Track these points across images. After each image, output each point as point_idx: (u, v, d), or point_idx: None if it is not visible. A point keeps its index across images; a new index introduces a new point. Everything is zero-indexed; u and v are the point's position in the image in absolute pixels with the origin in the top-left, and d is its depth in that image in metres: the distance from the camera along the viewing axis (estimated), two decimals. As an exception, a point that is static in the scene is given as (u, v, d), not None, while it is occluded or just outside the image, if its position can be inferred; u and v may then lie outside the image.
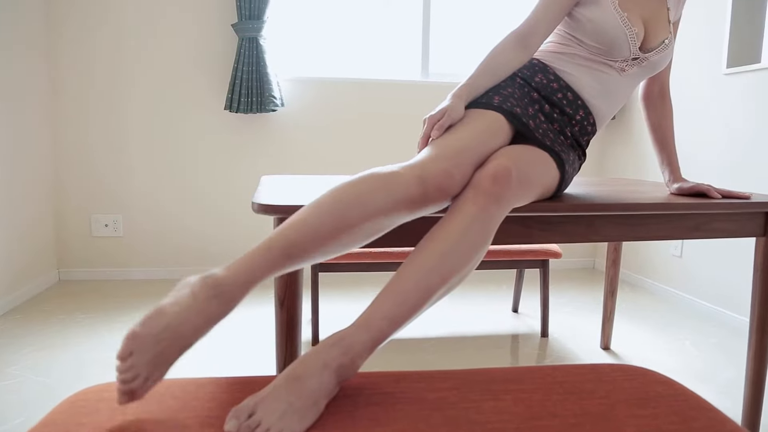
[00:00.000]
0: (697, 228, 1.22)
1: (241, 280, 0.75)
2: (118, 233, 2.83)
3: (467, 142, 0.98)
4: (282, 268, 0.80)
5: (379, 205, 0.85)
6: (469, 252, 0.86)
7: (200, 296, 0.72)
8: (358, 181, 0.86)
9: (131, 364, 0.66)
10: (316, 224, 0.81)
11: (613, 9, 1.19)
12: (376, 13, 3.09)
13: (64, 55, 2.71)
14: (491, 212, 0.89)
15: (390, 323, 0.78)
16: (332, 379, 0.71)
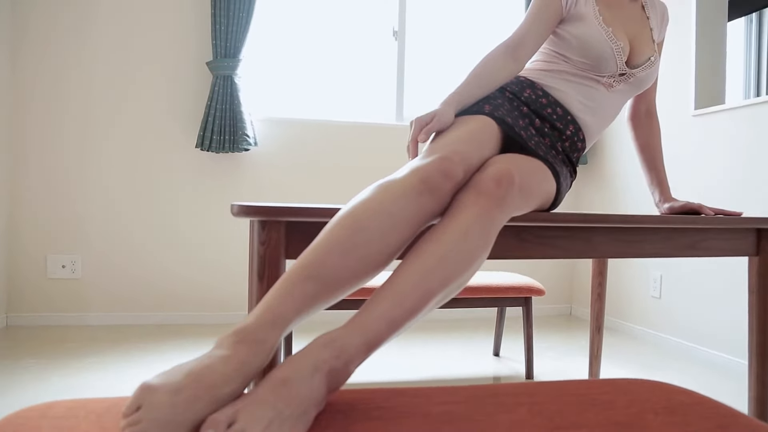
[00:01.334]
0: (693, 246, 1.19)
1: (265, 320, 0.66)
2: (76, 275, 2.65)
3: (461, 138, 0.94)
4: (307, 296, 0.70)
5: (387, 206, 0.79)
6: (469, 256, 0.79)
7: (225, 344, 0.63)
8: (362, 194, 0.82)
9: (138, 419, 0.52)
10: (331, 238, 0.75)
11: (597, 24, 1.20)
12: (352, 55, 3.13)
13: (30, 84, 2.61)
14: (493, 215, 0.83)
15: (387, 325, 0.70)
16: (323, 386, 0.62)
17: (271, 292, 0.70)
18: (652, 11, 1.33)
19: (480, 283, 2.04)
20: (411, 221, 0.81)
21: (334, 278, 0.73)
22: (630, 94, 1.29)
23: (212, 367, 0.58)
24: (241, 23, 2.71)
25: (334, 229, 0.76)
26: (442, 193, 0.84)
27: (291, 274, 0.71)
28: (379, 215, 0.78)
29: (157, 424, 0.52)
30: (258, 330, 0.64)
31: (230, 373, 0.59)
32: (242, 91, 2.73)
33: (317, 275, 0.71)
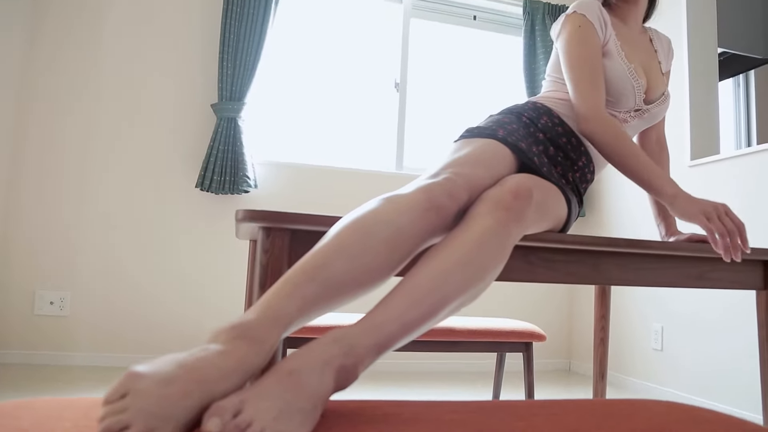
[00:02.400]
0: (701, 277, 1.17)
1: (266, 317, 0.62)
2: (64, 312, 2.58)
3: (468, 161, 0.94)
4: (308, 298, 0.67)
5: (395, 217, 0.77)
6: (486, 266, 0.77)
7: (222, 338, 0.58)
8: (368, 205, 0.81)
9: (122, 407, 0.46)
10: (338, 242, 0.73)
11: (621, 60, 1.22)
12: (355, 104, 3.19)
13: (32, 115, 2.63)
14: (510, 229, 0.81)
15: (401, 328, 0.66)
16: (331, 382, 0.58)
17: (271, 290, 0.66)
18: (658, 44, 1.37)
19: (479, 327, 1.99)
20: (416, 236, 0.79)
21: (337, 283, 0.70)
22: (642, 127, 1.31)
23: (208, 360, 0.54)
24: (247, 68, 2.79)
25: (341, 233, 0.74)
26: (447, 212, 0.83)
27: (293, 274, 0.68)
28: (388, 225, 0.76)
29: (144, 415, 0.46)
30: (258, 327, 0.60)
31: (227, 368, 0.54)
32: (245, 134, 2.76)
33: (320, 278, 0.68)
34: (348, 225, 0.75)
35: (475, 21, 3.48)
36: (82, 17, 2.73)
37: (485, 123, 1.18)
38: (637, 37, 1.33)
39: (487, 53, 3.50)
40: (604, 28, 1.24)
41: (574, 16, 1.24)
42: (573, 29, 1.22)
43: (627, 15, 1.32)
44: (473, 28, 3.47)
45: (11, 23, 2.50)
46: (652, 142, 1.46)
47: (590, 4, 1.24)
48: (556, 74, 1.30)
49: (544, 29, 3.30)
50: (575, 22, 1.23)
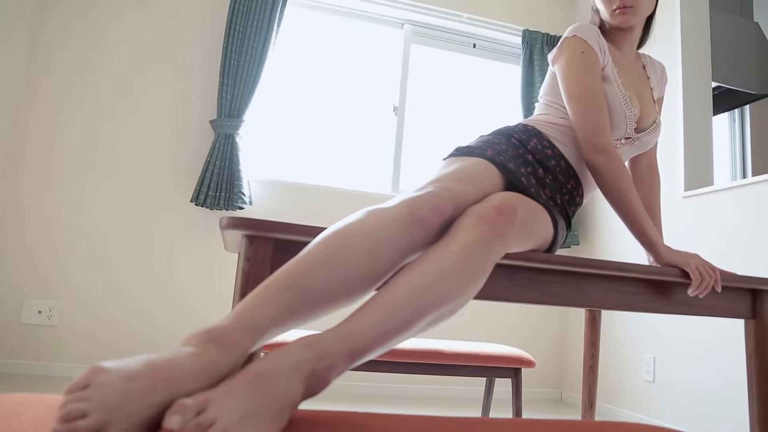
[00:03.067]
0: (688, 303, 1.17)
1: (241, 323, 0.62)
2: (52, 322, 2.56)
3: (455, 177, 0.94)
4: (286, 306, 0.66)
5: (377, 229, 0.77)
6: (467, 279, 0.76)
7: (194, 341, 0.58)
8: (350, 217, 0.81)
9: (83, 397, 0.46)
10: (317, 251, 0.73)
11: (617, 87, 1.22)
12: (353, 126, 3.22)
13: (30, 125, 2.65)
14: (492, 244, 0.81)
15: (375, 337, 0.66)
16: (301, 386, 0.58)
17: (249, 297, 0.66)
18: (652, 71, 1.38)
19: (467, 351, 1.98)
20: (398, 249, 0.79)
21: (316, 292, 0.69)
22: (632, 154, 1.32)
23: (176, 360, 0.53)
24: (247, 85, 2.82)
25: (320, 243, 0.74)
26: (430, 226, 0.83)
27: (272, 281, 0.68)
28: (367, 237, 0.76)
29: (105, 408, 0.46)
30: (232, 332, 0.60)
31: (194, 369, 0.54)
32: (242, 151, 2.78)
33: (298, 286, 0.68)
34: (329, 235, 0.75)
35: (474, 49, 3.54)
36: (85, 27, 2.77)
37: (475, 142, 1.19)
38: (631, 64, 1.34)
39: (486, 80, 3.55)
40: (603, 53, 1.25)
41: (574, 41, 1.24)
42: (575, 54, 1.22)
43: (621, 42, 1.33)
44: (473, 56, 3.53)
45: (13, 30, 2.54)
46: (643, 167, 1.46)
47: (590, 29, 1.25)
48: (549, 97, 1.31)
49: (542, 59, 3.35)
50: (577, 48, 1.23)
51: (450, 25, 3.45)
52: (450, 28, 3.47)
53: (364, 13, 3.33)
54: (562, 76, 1.24)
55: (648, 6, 1.29)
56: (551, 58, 1.30)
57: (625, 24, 1.28)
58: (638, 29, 1.35)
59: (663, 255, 1.13)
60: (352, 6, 3.27)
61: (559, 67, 1.27)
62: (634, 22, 1.29)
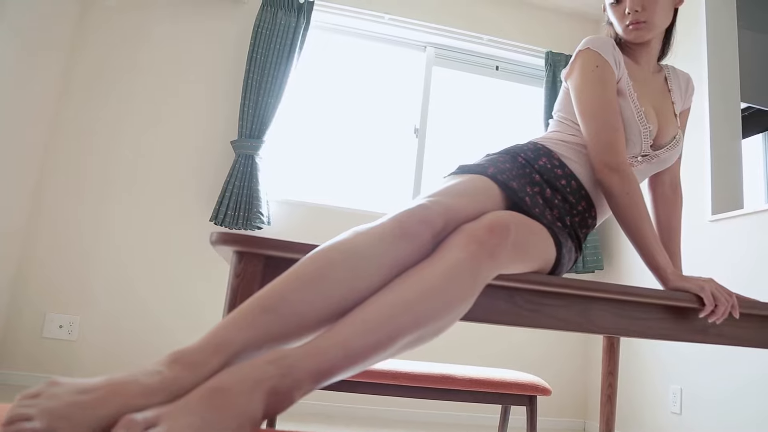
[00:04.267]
0: (704, 331, 1.10)
1: (208, 343, 0.61)
2: (72, 336, 2.60)
3: (449, 191, 0.92)
4: (260, 328, 0.65)
5: (361, 247, 0.76)
6: (451, 300, 0.73)
7: (160, 361, 0.59)
8: (337, 237, 0.79)
9: (30, 403, 0.48)
10: (296, 271, 0.72)
11: (631, 102, 1.17)
12: (373, 147, 3.23)
13: (62, 142, 2.74)
14: (481, 265, 0.78)
15: (345, 355, 0.63)
16: (261, 404, 0.56)
17: (224, 319, 0.65)
18: (674, 83, 1.32)
19: (478, 376, 1.92)
20: (385, 266, 0.76)
21: (294, 313, 0.67)
22: (650, 172, 1.26)
23: (133, 377, 0.53)
24: (268, 107, 2.86)
25: (302, 264, 0.73)
26: (420, 240, 0.80)
27: (247, 303, 0.67)
28: (351, 255, 0.74)
29: (51, 415, 0.46)
30: (197, 353, 0.59)
31: (151, 386, 0.53)
32: (261, 171, 2.81)
33: (275, 307, 0.66)
34: (312, 255, 0.73)
35: (497, 71, 3.53)
36: (116, 52, 2.86)
37: (478, 161, 1.16)
38: (649, 78, 1.28)
39: (508, 103, 3.52)
40: (618, 66, 1.20)
41: (588, 54, 1.19)
42: (588, 68, 1.18)
43: (638, 56, 1.28)
44: (495, 78, 3.51)
45: (50, 53, 2.64)
46: (665, 185, 1.37)
47: (605, 42, 1.20)
48: (562, 113, 1.27)
49: (565, 80, 3.31)
50: (591, 61, 1.18)
51: (472, 48, 3.45)
52: (472, 50, 3.47)
53: (387, 37, 3.36)
54: (575, 91, 1.20)
55: (663, 19, 1.23)
56: (564, 73, 1.27)
57: (639, 39, 1.24)
58: (656, 42, 1.29)
59: (671, 280, 1.07)
60: (374, 30, 3.31)
61: (572, 81, 1.22)
62: (650, 37, 1.24)
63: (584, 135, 1.16)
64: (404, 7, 3.26)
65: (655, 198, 1.38)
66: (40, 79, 2.58)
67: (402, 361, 1.86)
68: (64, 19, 2.71)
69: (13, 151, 2.44)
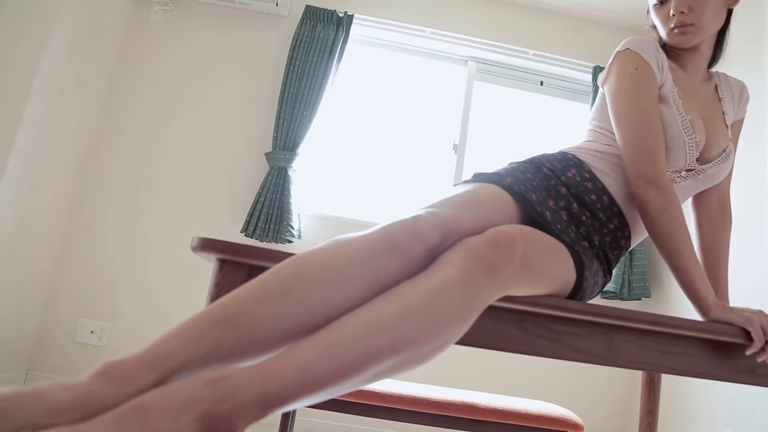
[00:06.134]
0: (752, 371, 0.96)
1: (144, 357, 0.56)
2: (102, 342, 2.63)
3: (453, 201, 0.83)
4: (210, 342, 0.57)
5: (338, 258, 0.67)
6: (439, 321, 0.63)
7: (90, 373, 0.54)
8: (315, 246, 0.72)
9: None
10: (260, 281, 0.64)
11: (676, 110, 1.05)
12: (409, 163, 3.16)
13: (103, 148, 2.80)
14: (478, 284, 0.68)
15: (301, 380, 0.54)
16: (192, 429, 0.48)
17: (169, 331, 0.58)
18: (726, 91, 1.19)
19: (504, 406, 1.79)
20: (365, 281, 0.67)
21: (252, 327, 0.59)
22: (695, 190, 1.13)
23: (45, 390, 0.49)
24: (303, 119, 2.84)
25: (270, 273, 0.65)
26: (409, 254, 0.71)
27: (199, 314, 0.60)
28: (327, 267, 0.66)
29: None
30: (129, 366, 0.54)
31: (64, 402, 0.49)
32: (294, 184, 2.79)
33: (230, 320, 0.59)
34: (283, 265, 0.66)
35: (541, 86, 3.41)
36: (156, 63, 2.93)
37: (498, 168, 1.07)
38: (698, 86, 1.16)
39: (553, 118, 3.39)
40: (662, 70, 1.08)
41: (627, 55, 1.08)
42: (627, 71, 1.06)
43: (686, 62, 1.16)
44: (539, 93, 3.39)
45: (97, 63, 2.72)
46: (712, 204, 1.22)
47: (647, 42, 1.09)
48: (597, 122, 1.16)
49: (613, 96, 3.15)
50: (630, 63, 1.06)
51: (516, 62, 3.35)
52: (515, 65, 3.36)
53: (427, 50, 3.30)
54: (611, 96, 1.09)
55: (714, 22, 1.10)
56: (601, 78, 1.16)
57: (686, 44, 1.12)
58: (707, 47, 1.16)
59: (712, 310, 0.93)
60: (414, 43, 3.26)
61: (608, 85, 1.11)
62: (698, 41, 1.11)
63: (619, 143, 1.05)
64: (446, 20, 3.20)
65: (700, 218, 1.23)
66: (85, 89, 2.66)
67: (419, 385, 1.76)
68: (112, 31, 2.79)
69: (55, 160, 2.51)
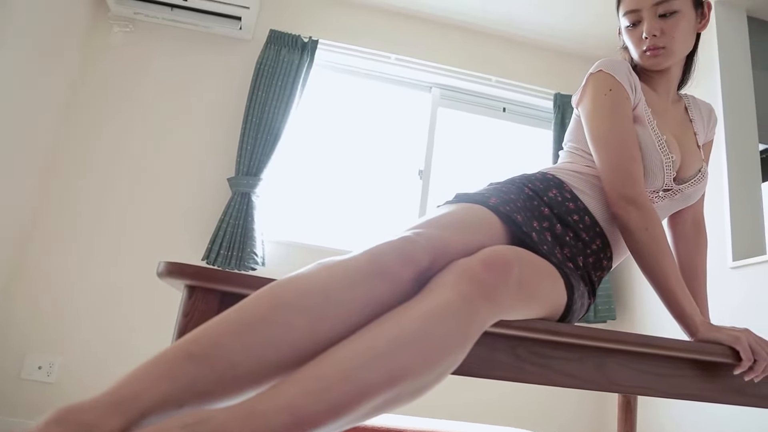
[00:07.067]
0: (741, 391, 0.95)
1: (107, 399, 0.49)
2: (50, 379, 2.44)
3: (441, 222, 0.79)
4: (182, 379, 0.51)
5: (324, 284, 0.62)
6: (436, 351, 0.58)
7: (39, 421, 0.47)
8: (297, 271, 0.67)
9: None
10: (236, 310, 0.58)
11: (651, 130, 1.05)
12: (375, 189, 3.13)
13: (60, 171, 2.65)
14: (475, 308, 0.64)
15: (289, 420, 0.48)
16: None
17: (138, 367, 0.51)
18: (696, 113, 1.21)
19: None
20: (353, 309, 0.62)
21: (230, 363, 0.53)
22: (671, 210, 1.13)
23: None
24: (267, 144, 2.78)
25: (249, 301, 0.59)
26: (399, 279, 0.67)
27: (170, 348, 0.53)
28: (310, 294, 0.60)
29: None
30: (90, 410, 0.47)
31: None
32: (258, 210, 2.70)
33: (203, 354, 0.53)
34: (262, 291, 0.59)
35: (504, 113, 3.46)
36: (121, 80, 2.82)
37: (480, 189, 1.04)
38: (669, 107, 1.17)
39: (516, 144, 3.44)
40: (635, 91, 1.09)
41: (601, 76, 1.08)
42: (602, 93, 1.06)
43: (656, 83, 1.17)
44: (502, 120, 3.44)
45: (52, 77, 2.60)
46: (687, 224, 1.23)
47: (619, 64, 1.09)
48: (574, 143, 1.15)
49: (574, 122, 3.23)
50: (604, 84, 1.07)
51: (479, 89, 3.39)
52: (479, 91, 3.41)
53: (392, 77, 3.31)
54: (586, 117, 1.09)
55: (685, 45, 1.12)
56: (575, 100, 1.16)
57: (657, 67, 1.13)
58: (677, 69, 1.18)
59: (700, 331, 0.92)
60: (379, 69, 3.27)
61: (583, 107, 1.11)
62: (669, 64, 1.13)
63: (597, 165, 1.04)
64: (410, 47, 3.23)
65: (676, 238, 1.24)
66: (41, 114, 2.53)
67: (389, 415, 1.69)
68: (67, 53, 2.68)
69: (6, 185, 2.35)
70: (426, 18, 3.28)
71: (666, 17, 1.08)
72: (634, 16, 1.11)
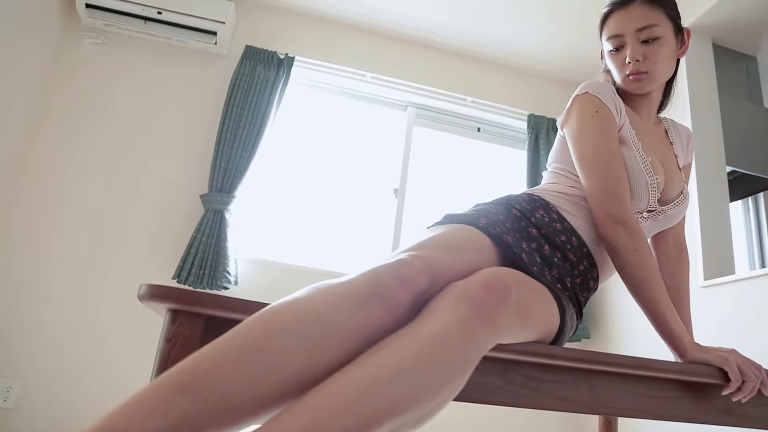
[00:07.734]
0: (728, 411, 0.94)
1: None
2: (8, 404, 2.30)
3: (434, 244, 0.77)
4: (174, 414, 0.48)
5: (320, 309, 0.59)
6: (439, 377, 0.57)
7: None
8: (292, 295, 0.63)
9: None
10: (230, 338, 0.55)
11: (636, 152, 1.06)
12: (350, 208, 3.10)
13: (27, 185, 2.54)
14: (476, 330, 0.62)
15: None
16: None
17: (128, 400, 0.48)
18: (675, 136, 1.23)
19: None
20: (351, 334, 0.60)
21: (224, 395, 0.50)
22: (654, 230, 1.14)
23: None
24: (242, 161, 2.74)
25: (239, 328, 0.56)
26: (397, 303, 0.65)
27: (160, 380, 0.50)
28: (306, 319, 0.58)
29: None
30: None
31: None
32: (231, 228, 2.64)
33: (195, 387, 0.50)
34: (256, 318, 0.56)
35: (479, 133, 3.49)
36: (92, 93, 2.74)
37: (468, 210, 1.03)
38: (651, 129, 1.19)
39: (490, 164, 3.47)
40: (620, 113, 1.10)
41: (587, 98, 1.09)
42: (588, 114, 1.07)
43: (639, 107, 1.19)
44: (477, 140, 3.47)
45: (17, 101, 2.50)
46: (669, 245, 1.25)
47: (604, 86, 1.11)
48: (559, 164, 1.15)
49: (547, 143, 3.28)
50: (590, 106, 1.07)
51: (454, 109, 3.42)
52: (454, 111, 3.44)
53: (368, 95, 3.31)
54: (572, 139, 1.09)
55: (667, 70, 1.14)
56: (560, 121, 1.17)
57: (640, 90, 1.15)
58: (657, 93, 1.20)
59: (689, 351, 0.92)
60: (355, 88, 3.27)
61: (569, 128, 1.11)
62: (651, 89, 1.15)
63: (584, 186, 1.05)
64: (386, 65, 3.24)
65: (660, 259, 1.25)
66: (4, 120, 2.43)
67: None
68: (35, 64, 2.59)
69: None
70: (402, 37, 3.31)
71: (649, 43, 1.10)
72: (617, 41, 1.13)
